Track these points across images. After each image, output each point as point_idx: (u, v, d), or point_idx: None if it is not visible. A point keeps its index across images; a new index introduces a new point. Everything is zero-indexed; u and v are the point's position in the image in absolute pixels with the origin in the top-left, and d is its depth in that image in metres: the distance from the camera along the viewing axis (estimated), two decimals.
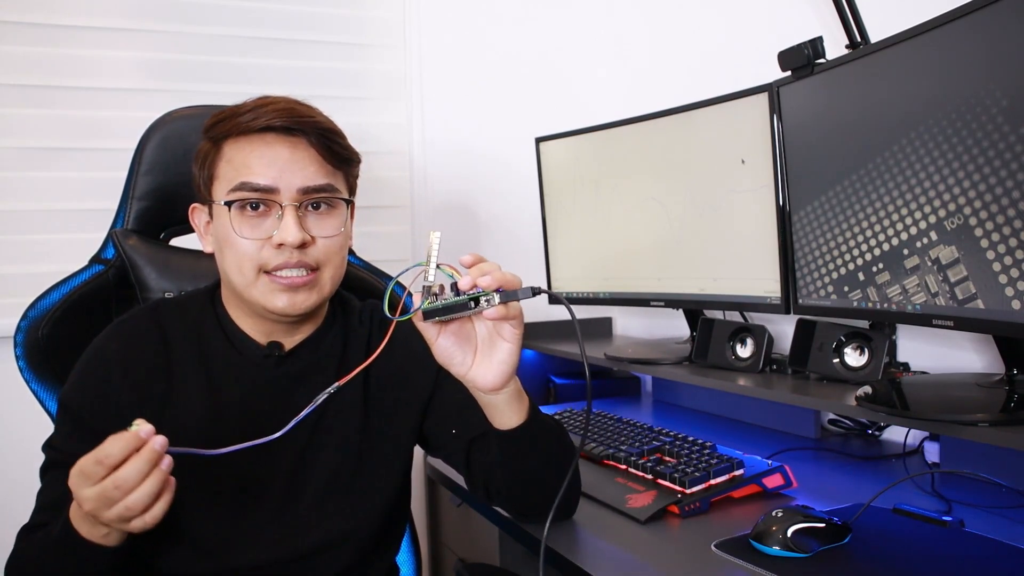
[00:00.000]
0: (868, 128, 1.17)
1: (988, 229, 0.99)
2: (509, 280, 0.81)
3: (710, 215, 1.52)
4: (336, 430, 1.01)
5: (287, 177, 0.92)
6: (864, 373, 1.27)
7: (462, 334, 0.86)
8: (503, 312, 0.81)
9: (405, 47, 2.12)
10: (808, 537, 0.89)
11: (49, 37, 1.78)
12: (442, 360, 0.87)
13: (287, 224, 0.91)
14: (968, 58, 0.99)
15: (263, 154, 0.93)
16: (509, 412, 0.91)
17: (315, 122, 0.94)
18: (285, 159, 0.93)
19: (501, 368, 0.86)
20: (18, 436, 1.53)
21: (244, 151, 0.93)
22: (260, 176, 0.92)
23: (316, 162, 0.94)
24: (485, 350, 0.86)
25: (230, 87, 1.92)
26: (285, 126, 0.93)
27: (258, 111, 0.93)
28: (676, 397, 1.81)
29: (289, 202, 0.92)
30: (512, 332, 0.84)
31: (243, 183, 0.92)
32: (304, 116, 0.94)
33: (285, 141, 0.93)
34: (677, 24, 2.04)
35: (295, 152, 0.93)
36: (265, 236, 0.92)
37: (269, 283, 0.93)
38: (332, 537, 0.99)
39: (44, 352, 1.17)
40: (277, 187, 0.92)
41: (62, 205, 1.80)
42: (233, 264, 0.94)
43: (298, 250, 0.92)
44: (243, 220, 0.93)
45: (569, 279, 1.90)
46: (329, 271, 0.96)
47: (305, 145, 0.94)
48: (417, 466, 1.14)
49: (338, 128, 0.98)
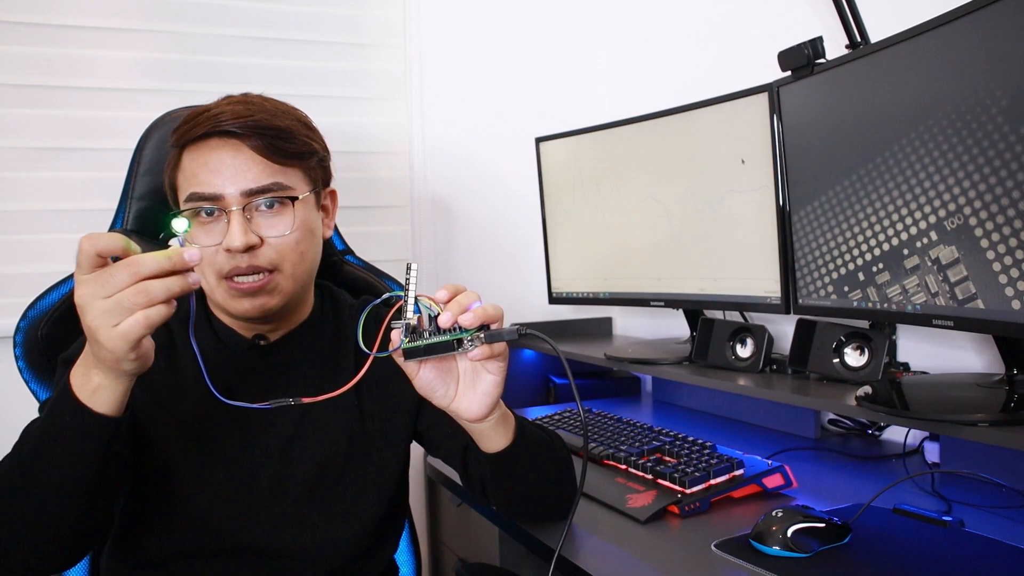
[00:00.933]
0: (868, 128, 1.17)
1: (988, 229, 0.99)
2: (491, 315, 0.80)
3: (710, 215, 1.52)
4: (325, 424, 1.02)
5: (231, 182, 0.91)
6: (864, 373, 1.27)
7: (443, 367, 0.85)
8: (488, 353, 0.80)
9: (405, 47, 2.12)
10: (808, 537, 0.89)
11: (49, 37, 1.78)
12: (423, 392, 0.86)
13: (232, 229, 0.90)
14: (968, 58, 0.99)
15: (207, 161, 0.92)
16: (495, 437, 0.90)
17: (255, 122, 0.92)
18: (228, 164, 0.92)
19: (485, 400, 0.85)
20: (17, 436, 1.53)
21: (194, 160, 0.93)
22: (205, 184, 0.92)
23: (259, 163, 0.93)
24: (468, 382, 0.85)
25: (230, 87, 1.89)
26: (225, 130, 0.92)
27: (206, 115, 0.93)
28: (676, 397, 1.81)
29: (235, 207, 0.91)
30: (497, 366, 0.83)
31: (191, 193, 0.92)
32: (244, 117, 0.92)
33: (227, 145, 0.92)
34: (677, 24, 2.04)
35: (237, 156, 0.92)
36: (216, 242, 0.92)
37: (228, 289, 0.93)
38: (326, 528, 1.00)
39: (44, 352, 1.17)
40: (221, 194, 0.91)
41: (62, 205, 1.79)
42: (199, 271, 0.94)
43: (247, 254, 0.91)
44: (198, 228, 0.93)
45: (569, 279, 1.90)
46: (288, 270, 0.95)
47: (247, 148, 0.92)
48: (417, 466, 1.14)
49: (287, 123, 0.96)
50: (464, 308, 0.79)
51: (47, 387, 1.17)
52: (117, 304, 0.68)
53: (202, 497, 0.96)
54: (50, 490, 0.77)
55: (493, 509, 1.09)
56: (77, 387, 0.75)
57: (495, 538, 1.45)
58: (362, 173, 2.06)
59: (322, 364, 1.03)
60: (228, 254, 0.91)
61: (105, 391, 0.75)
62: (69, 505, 0.79)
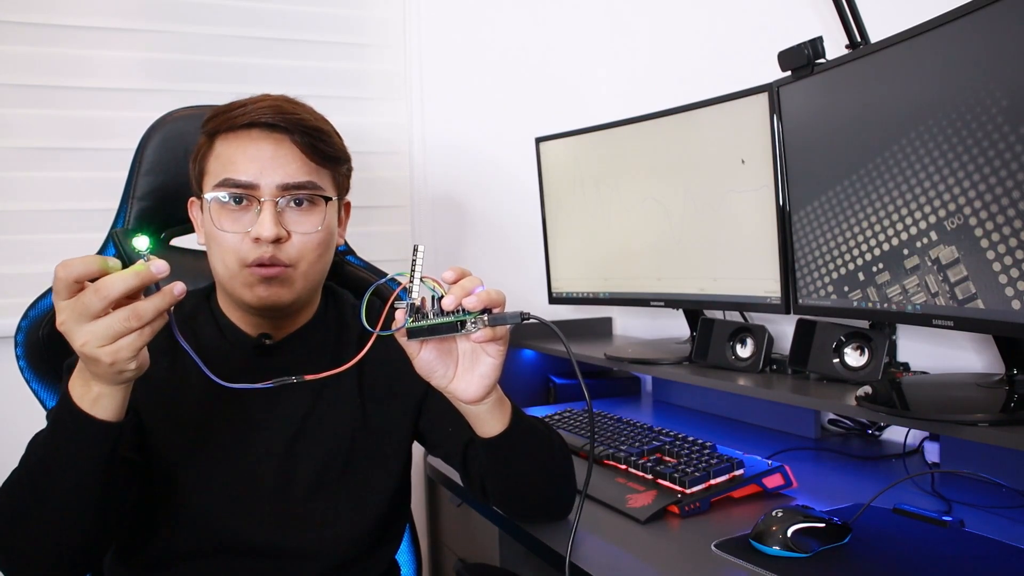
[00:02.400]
0: (868, 128, 1.17)
1: (988, 229, 0.99)
2: (495, 299, 0.81)
3: (710, 215, 1.52)
4: (328, 421, 1.02)
5: (268, 173, 0.93)
6: (864, 373, 1.27)
7: (444, 348, 0.86)
8: (490, 335, 0.81)
9: (405, 47, 2.12)
10: (808, 537, 0.89)
11: (49, 37, 1.78)
12: (423, 372, 0.87)
13: (263, 219, 0.92)
14: (968, 58, 0.99)
15: (246, 150, 0.94)
16: (491, 420, 0.91)
17: (300, 119, 0.95)
18: (267, 156, 0.94)
19: (483, 382, 0.86)
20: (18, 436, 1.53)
21: (231, 147, 0.95)
22: (242, 172, 0.93)
23: (299, 159, 0.95)
24: (467, 364, 0.86)
25: (230, 87, 1.90)
26: (269, 123, 0.94)
27: (247, 108, 0.94)
28: (676, 397, 1.81)
29: (268, 198, 0.93)
30: (497, 349, 0.84)
31: (226, 179, 0.93)
32: (289, 113, 0.95)
33: (269, 138, 0.94)
34: (677, 24, 2.04)
35: (278, 149, 0.94)
36: (244, 230, 0.93)
37: (248, 275, 0.94)
38: (328, 528, 1.00)
39: (44, 352, 1.17)
40: (257, 183, 0.93)
41: (62, 205, 1.79)
42: (217, 257, 0.96)
43: (273, 245, 0.93)
44: (225, 214, 0.94)
45: (569, 279, 1.90)
46: (303, 267, 0.96)
47: (289, 143, 0.95)
48: (417, 466, 1.14)
49: (327, 127, 0.99)
50: (469, 291, 0.80)
51: (48, 387, 1.18)
52: (108, 328, 0.69)
53: (205, 497, 0.96)
54: (60, 501, 0.78)
55: (493, 509, 1.09)
56: (78, 398, 0.75)
57: (495, 538, 1.45)
58: (362, 173, 2.04)
59: (326, 364, 1.03)
60: (254, 243, 0.92)
61: (106, 399, 0.75)
62: (79, 515, 0.80)
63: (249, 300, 0.95)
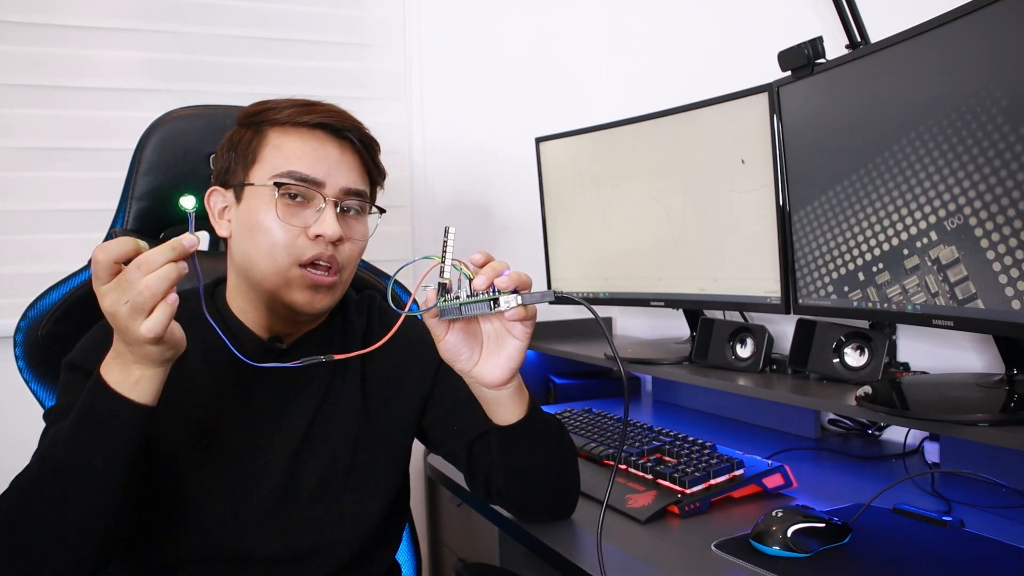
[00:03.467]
0: (868, 128, 1.17)
1: (988, 229, 0.99)
2: (524, 281, 0.82)
3: (710, 215, 1.52)
4: (334, 421, 1.02)
5: (334, 175, 0.95)
6: (864, 373, 1.27)
7: (469, 331, 0.87)
8: (522, 313, 0.81)
9: (405, 47, 2.12)
10: (808, 537, 0.89)
11: (49, 37, 1.78)
12: (448, 357, 0.87)
13: (327, 218, 0.93)
14: (968, 58, 0.99)
15: (315, 149, 0.95)
16: (511, 407, 0.91)
17: (361, 130, 0.99)
18: (335, 158, 0.96)
19: (508, 364, 0.86)
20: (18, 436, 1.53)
21: (295, 142, 0.95)
22: (311, 168, 0.94)
23: (359, 167, 0.99)
24: (492, 347, 0.87)
25: (230, 87, 1.92)
26: (336, 127, 0.97)
27: (309, 107, 0.97)
28: (676, 397, 1.81)
29: (333, 198, 0.94)
30: (523, 331, 0.85)
31: (292, 171, 0.94)
32: (352, 122, 0.99)
33: (335, 142, 0.97)
34: (677, 24, 2.04)
35: (343, 154, 0.97)
36: (302, 225, 0.93)
37: (301, 277, 0.93)
38: (332, 530, 0.99)
39: (44, 352, 1.16)
40: (325, 181, 0.94)
41: (62, 205, 1.79)
42: (265, 249, 0.93)
43: (332, 245, 0.94)
44: (283, 206, 0.94)
45: (569, 279, 1.90)
46: (346, 276, 0.98)
47: (352, 150, 0.98)
48: (417, 466, 1.14)
49: (377, 144, 1.03)
50: (499, 272, 0.81)
51: (47, 387, 1.17)
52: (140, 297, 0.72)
53: (210, 503, 0.95)
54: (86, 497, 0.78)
55: (493, 509, 1.09)
56: (116, 383, 0.77)
57: (495, 538, 1.45)
58: None
59: (332, 364, 1.03)
60: (311, 241, 0.93)
61: (147, 381, 0.78)
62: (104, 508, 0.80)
63: (288, 301, 0.94)
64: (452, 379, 0.95)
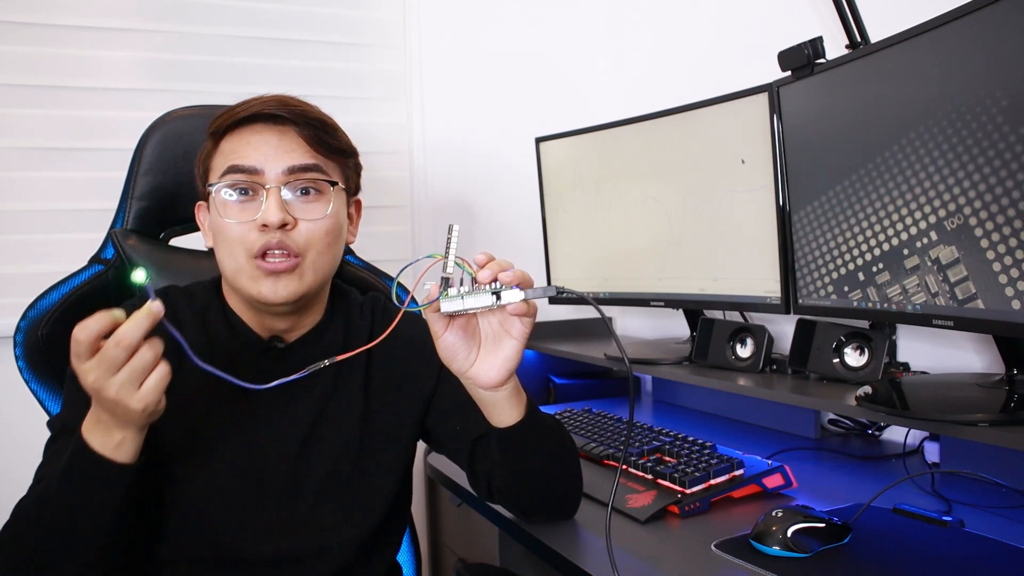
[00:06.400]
0: (868, 128, 1.17)
1: (988, 229, 0.99)
2: (526, 278, 0.82)
3: (710, 215, 1.52)
4: (337, 423, 1.01)
5: (272, 160, 0.93)
6: (864, 373, 1.27)
7: (468, 330, 0.87)
8: (524, 308, 0.82)
9: (405, 47, 2.12)
10: (808, 537, 0.89)
11: (49, 37, 1.78)
12: (445, 356, 0.87)
13: (268, 205, 0.92)
14: (968, 58, 0.99)
15: (251, 140, 0.94)
16: (508, 409, 0.91)
17: (303, 111, 0.96)
18: (273, 144, 0.94)
19: (505, 365, 0.86)
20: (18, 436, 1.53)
21: (235, 141, 0.95)
22: (246, 159, 0.93)
23: (304, 147, 0.96)
24: (489, 347, 0.87)
25: (230, 87, 1.92)
26: (272, 113, 0.94)
27: (250, 102, 0.96)
28: (676, 397, 1.81)
29: (274, 184, 0.93)
30: (521, 330, 0.85)
31: (231, 166, 0.94)
32: (293, 106, 0.96)
33: (273, 129, 0.95)
34: (677, 24, 2.04)
35: (283, 138, 0.95)
36: (251, 219, 0.93)
37: (254, 269, 0.93)
38: (333, 531, 0.99)
39: (44, 352, 1.16)
40: (262, 169, 0.93)
41: (62, 205, 1.79)
42: (225, 250, 0.95)
43: (279, 231, 0.92)
44: (231, 205, 0.94)
45: (569, 279, 1.89)
46: (312, 257, 0.95)
47: (294, 133, 0.95)
48: (417, 466, 1.14)
49: (331, 121, 0.99)
50: (503, 268, 0.81)
51: (47, 387, 1.17)
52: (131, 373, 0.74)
53: (212, 505, 0.94)
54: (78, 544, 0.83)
55: (493, 509, 1.09)
56: (99, 446, 0.79)
57: (495, 538, 1.45)
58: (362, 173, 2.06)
59: (336, 366, 1.03)
60: (261, 232, 0.92)
61: (129, 443, 0.80)
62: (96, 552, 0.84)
63: (256, 295, 0.94)
64: (455, 379, 0.95)
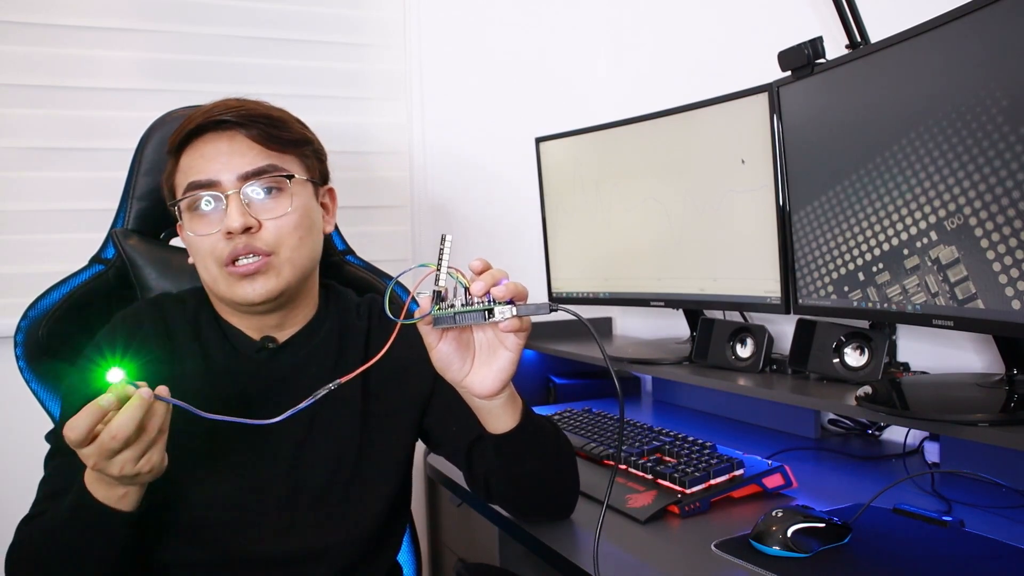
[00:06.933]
0: (868, 128, 1.17)
1: (988, 229, 0.99)
2: (520, 291, 0.81)
3: (710, 215, 1.52)
4: (334, 425, 1.01)
5: (226, 167, 0.93)
6: (864, 373, 1.27)
7: (462, 340, 0.86)
8: (516, 324, 0.81)
9: (405, 47, 2.12)
10: (808, 537, 0.89)
11: (49, 37, 1.78)
12: (440, 366, 0.87)
13: (230, 212, 0.92)
14: (968, 58, 0.99)
15: (203, 152, 0.95)
16: (503, 416, 0.91)
17: (247, 111, 0.95)
18: (224, 151, 0.94)
19: (500, 375, 0.86)
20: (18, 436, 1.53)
21: (190, 156, 0.96)
22: (200, 172, 0.94)
23: (255, 148, 0.95)
24: (483, 357, 0.87)
25: (230, 87, 1.89)
26: (217, 119, 0.94)
27: (195, 113, 0.96)
28: (676, 397, 1.81)
29: (232, 191, 0.93)
30: (516, 342, 0.84)
31: (189, 183, 0.94)
32: (236, 108, 0.95)
33: (221, 135, 0.95)
34: (677, 24, 2.04)
35: (232, 143, 0.95)
36: (216, 230, 0.93)
37: (228, 276, 0.94)
38: (334, 533, 0.99)
39: (44, 352, 1.17)
40: (218, 179, 0.93)
41: (62, 205, 1.79)
42: (200, 263, 0.96)
43: (244, 235, 0.92)
44: (196, 220, 0.95)
45: (569, 279, 1.90)
46: (285, 253, 0.95)
47: (242, 135, 0.95)
48: (417, 466, 1.14)
49: (281, 115, 0.99)
50: (497, 280, 0.80)
51: (48, 387, 1.17)
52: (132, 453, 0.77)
53: (212, 507, 0.95)
54: None
55: (493, 509, 1.09)
56: (102, 497, 0.82)
57: (495, 538, 1.45)
58: (362, 173, 2.06)
59: (329, 364, 1.03)
60: (227, 239, 0.92)
61: (132, 495, 0.83)
62: None
63: (236, 299, 0.95)
64: None
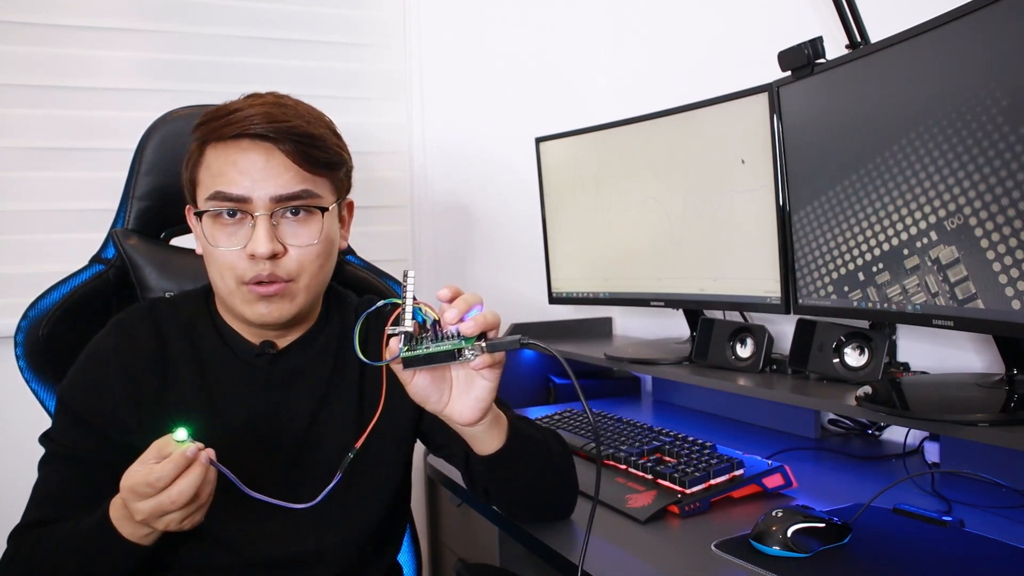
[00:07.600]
0: (868, 128, 1.17)
1: (988, 229, 0.99)
2: (490, 322, 0.80)
3: (710, 215, 1.52)
4: (333, 424, 1.01)
5: (260, 186, 0.90)
6: (864, 373, 1.27)
7: (437, 374, 0.85)
8: (488, 361, 0.80)
9: (405, 47, 2.12)
10: (808, 537, 0.89)
11: (49, 37, 1.78)
12: (417, 399, 0.86)
13: (258, 235, 0.89)
14: (968, 58, 0.99)
15: (237, 162, 0.90)
16: (488, 440, 0.91)
17: (290, 127, 0.91)
18: (259, 167, 0.90)
19: (478, 405, 0.85)
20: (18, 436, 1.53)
21: (221, 158, 0.92)
22: (234, 185, 0.90)
23: (291, 169, 0.91)
24: (461, 387, 0.85)
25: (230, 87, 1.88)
26: (258, 133, 0.90)
27: (235, 115, 0.91)
28: (676, 397, 1.81)
29: (262, 211, 0.90)
30: (493, 373, 0.84)
31: (217, 192, 0.91)
32: (280, 121, 0.90)
33: (260, 148, 0.91)
34: (677, 24, 2.04)
35: (269, 160, 0.91)
36: (240, 246, 0.91)
37: (247, 293, 0.93)
38: (334, 535, 0.99)
39: (44, 352, 1.17)
40: (250, 197, 0.90)
41: (62, 205, 1.79)
42: (215, 272, 0.94)
43: (270, 261, 0.90)
44: (219, 229, 0.92)
45: (569, 279, 1.90)
46: (305, 281, 0.94)
47: (279, 153, 0.91)
48: (417, 466, 1.14)
49: (320, 131, 0.94)
50: (469, 306, 0.79)
51: (48, 387, 1.17)
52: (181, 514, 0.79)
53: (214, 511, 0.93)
54: None
55: (494, 509, 1.09)
56: (129, 534, 0.83)
57: (495, 538, 1.45)
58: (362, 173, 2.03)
59: (328, 370, 1.03)
60: (250, 260, 0.91)
61: (157, 533, 0.84)
62: None
63: (250, 317, 0.94)
64: None
